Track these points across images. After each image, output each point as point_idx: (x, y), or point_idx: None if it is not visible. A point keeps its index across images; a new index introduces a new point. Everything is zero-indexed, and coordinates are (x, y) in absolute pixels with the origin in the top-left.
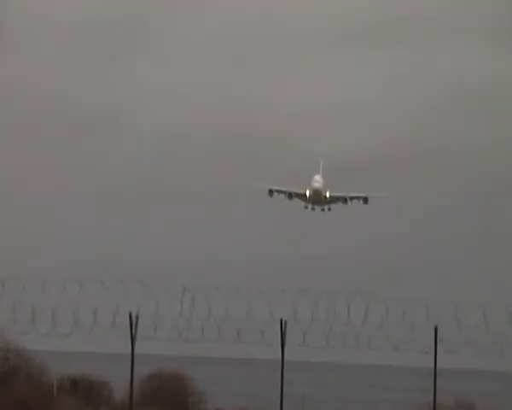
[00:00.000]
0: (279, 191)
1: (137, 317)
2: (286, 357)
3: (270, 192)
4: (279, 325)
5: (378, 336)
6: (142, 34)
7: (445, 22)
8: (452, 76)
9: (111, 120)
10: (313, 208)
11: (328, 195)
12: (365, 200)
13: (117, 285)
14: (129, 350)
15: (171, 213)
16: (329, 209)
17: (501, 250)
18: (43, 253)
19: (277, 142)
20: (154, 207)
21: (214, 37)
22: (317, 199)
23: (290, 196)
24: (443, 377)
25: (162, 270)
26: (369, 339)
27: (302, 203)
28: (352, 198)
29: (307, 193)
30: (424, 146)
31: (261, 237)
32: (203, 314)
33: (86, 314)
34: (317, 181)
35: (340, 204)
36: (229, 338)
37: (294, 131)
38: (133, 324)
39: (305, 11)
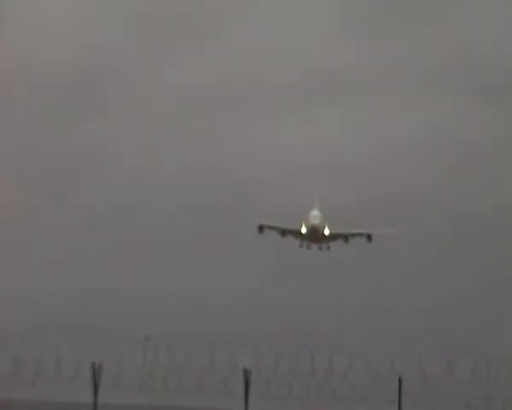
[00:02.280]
0: (271, 228)
1: (100, 366)
2: (250, 407)
3: (260, 229)
4: (242, 375)
5: (342, 387)
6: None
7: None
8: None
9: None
10: (309, 247)
11: (327, 232)
12: (369, 237)
13: (79, 335)
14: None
15: (140, 260)
16: (328, 248)
17: (470, 299)
18: (1, 302)
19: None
20: (116, 253)
21: (193, 89)
22: (315, 237)
23: (283, 232)
24: None
25: (124, 319)
26: (333, 389)
27: (293, 241)
28: (353, 235)
29: (303, 230)
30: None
31: (233, 282)
32: (166, 363)
33: (49, 363)
34: (315, 217)
35: (340, 242)
36: (192, 388)
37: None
38: (96, 373)
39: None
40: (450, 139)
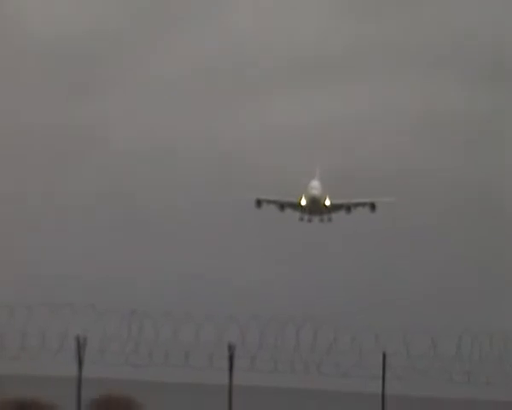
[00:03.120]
0: (269, 202)
1: (85, 340)
2: (234, 382)
3: (258, 203)
4: (227, 350)
5: (327, 362)
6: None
7: (408, 53)
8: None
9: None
10: (310, 220)
11: (328, 203)
12: (372, 206)
13: (65, 308)
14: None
15: (124, 234)
16: (330, 220)
17: (453, 276)
18: None
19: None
20: (103, 227)
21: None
22: (315, 208)
23: (282, 206)
24: (392, 404)
25: (111, 293)
26: (318, 365)
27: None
28: (356, 205)
29: (303, 202)
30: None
31: (218, 259)
32: (151, 338)
33: (34, 338)
34: (315, 188)
35: (342, 213)
36: (178, 363)
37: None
38: (81, 347)
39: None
40: (445, 112)
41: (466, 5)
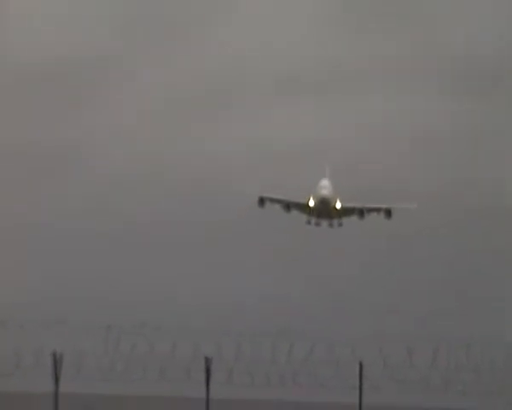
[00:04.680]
0: (273, 200)
1: (61, 356)
2: (211, 395)
3: (261, 201)
4: (204, 363)
5: (303, 374)
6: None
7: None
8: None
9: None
10: (318, 223)
11: (339, 206)
12: (388, 213)
13: (40, 325)
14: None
15: (101, 247)
16: (340, 225)
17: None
18: None
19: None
20: (76, 242)
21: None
22: (325, 210)
23: (288, 206)
24: None
25: (85, 308)
26: (294, 375)
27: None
28: (370, 210)
29: (311, 203)
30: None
31: (190, 272)
32: (127, 353)
33: (9, 355)
34: (325, 187)
35: (354, 218)
36: (155, 377)
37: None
38: (57, 363)
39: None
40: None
41: (456, 27)
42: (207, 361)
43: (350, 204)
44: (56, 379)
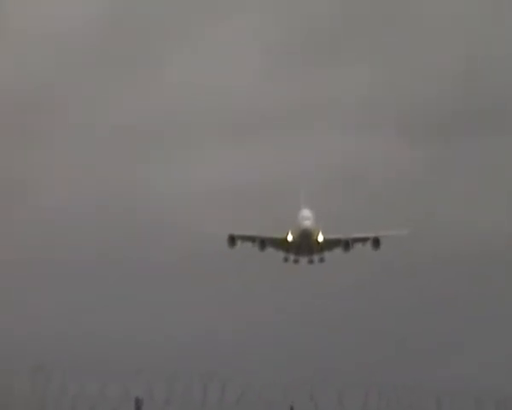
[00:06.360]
0: (245, 238)
1: None
2: None
3: (231, 240)
4: (134, 404)
5: None
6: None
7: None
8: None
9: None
10: (296, 260)
11: (321, 238)
12: (376, 242)
13: None
14: None
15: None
16: (322, 260)
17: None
18: None
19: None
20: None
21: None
22: (306, 245)
23: (262, 243)
24: None
25: (13, 348)
26: None
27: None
28: (355, 241)
29: (289, 237)
30: None
31: (119, 311)
32: (57, 394)
33: None
34: (307, 218)
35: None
36: None
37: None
38: None
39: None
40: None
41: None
42: (138, 402)
43: (332, 236)
44: None
